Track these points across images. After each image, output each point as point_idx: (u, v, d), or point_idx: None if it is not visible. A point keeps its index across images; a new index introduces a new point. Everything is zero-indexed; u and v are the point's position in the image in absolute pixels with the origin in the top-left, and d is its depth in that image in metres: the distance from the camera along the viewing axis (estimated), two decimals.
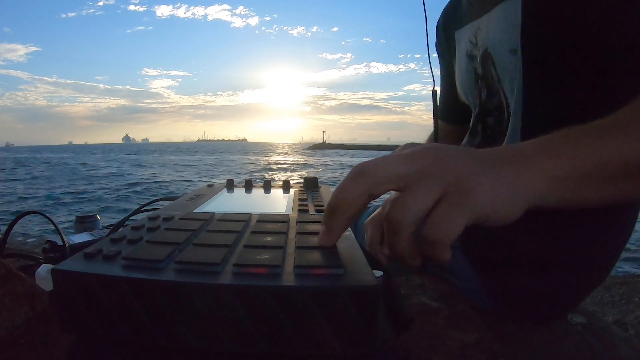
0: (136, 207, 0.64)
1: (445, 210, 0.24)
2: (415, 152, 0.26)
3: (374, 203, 0.35)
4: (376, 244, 0.43)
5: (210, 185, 0.60)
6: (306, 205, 0.44)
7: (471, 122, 0.65)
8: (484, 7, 0.57)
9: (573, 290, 0.53)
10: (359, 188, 0.26)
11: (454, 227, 0.24)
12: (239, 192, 0.57)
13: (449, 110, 0.78)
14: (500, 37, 0.52)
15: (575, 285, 0.52)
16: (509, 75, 0.52)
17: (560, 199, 0.27)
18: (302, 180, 0.62)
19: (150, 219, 0.36)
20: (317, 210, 0.42)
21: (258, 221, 0.35)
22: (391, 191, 0.27)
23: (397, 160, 0.26)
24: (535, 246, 0.51)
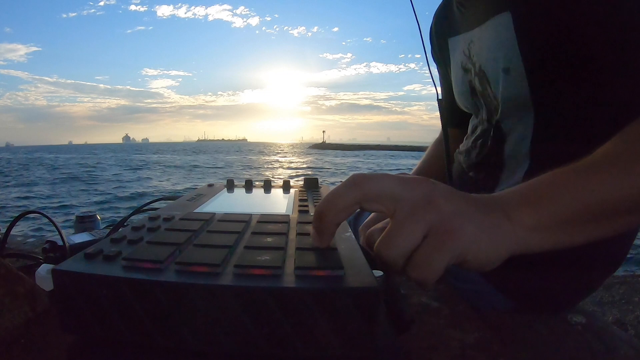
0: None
1: (428, 252, 0.25)
2: (410, 179, 0.27)
3: None
4: (370, 249, 0.42)
5: (210, 185, 0.60)
6: (306, 206, 0.44)
7: (469, 127, 0.65)
8: (475, 19, 0.56)
9: (578, 287, 0.53)
10: (350, 197, 0.26)
11: (435, 269, 0.25)
12: (239, 192, 0.57)
13: (448, 114, 0.77)
14: (493, 55, 0.52)
15: (580, 282, 0.53)
16: (502, 93, 0.52)
17: (543, 245, 0.28)
18: (302, 180, 0.62)
19: (151, 219, 0.36)
20: None
21: (258, 222, 0.35)
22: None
23: (391, 181, 0.27)
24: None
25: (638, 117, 0.33)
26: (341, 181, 0.28)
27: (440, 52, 0.72)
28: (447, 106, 0.75)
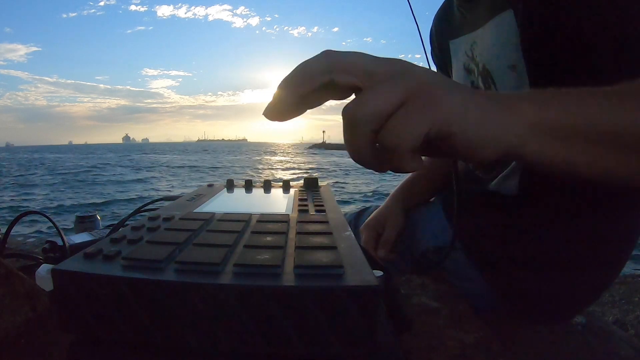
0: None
1: (405, 115, 0.22)
2: (384, 58, 0.25)
3: (370, 204, 0.34)
4: (370, 248, 0.42)
5: (210, 185, 0.60)
6: (306, 206, 0.44)
7: None
8: (477, 21, 0.56)
9: (581, 293, 0.53)
10: (320, 65, 0.24)
11: (411, 134, 0.22)
12: (239, 192, 0.57)
13: None
14: (497, 53, 0.52)
15: (583, 287, 0.52)
16: (510, 90, 0.51)
17: (542, 150, 0.25)
18: (302, 180, 0.62)
19: (151, 219, 0.36)
20: (317, 211, 0.42)
21: (258, 221, 0.35)
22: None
23: (365, 56, 0.24)
24: (541, 247, 0.51)
25: None
26: (355, 181, 0.27)
27: (441, 54, 0.72)
28: None
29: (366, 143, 0.23)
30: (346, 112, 0.23)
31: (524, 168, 0.51)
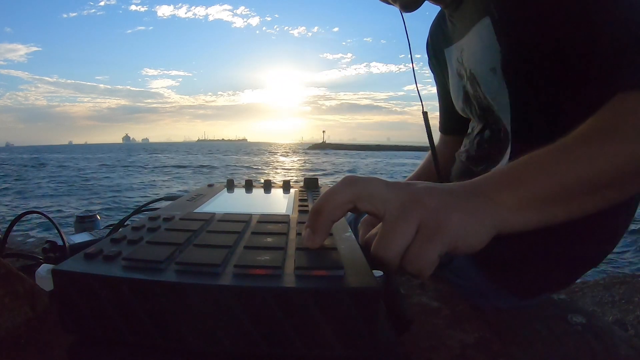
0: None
1: (421, 246, 0.26)
2: (394, 183, 0.30)
3: None
4: (369, 246, 0.43)
5: (210, 185, 0.60)
6: (306, 206, 0.44)
7: (469, 128, 0.67)
8: (463, 29, 0.59)
9: (568, 266, 0.54)
10: (346, 195, 0.28)
11: (429, 260, 0.26)
12: (239, 192, 0.57)
13: (447, 122, 0.80)
14: (479, 57, 0.54)
15: (570, 261, 0.53)
16: (492, 93, 0.54)
17: (526, 223, 0.30)
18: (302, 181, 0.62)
19: (151, 219, 0.36)
20: None
21: (258, 222, 0.35)
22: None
23: (381, 183, 0.29)
24: (533, 239, 0.51)
25: (610, 100, 0.34)
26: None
27: (437, 63, 0.75)
28: (446, 112, 0.78)
29: (396, 268, 0.28)
30: (376, 255, 0.28)
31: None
